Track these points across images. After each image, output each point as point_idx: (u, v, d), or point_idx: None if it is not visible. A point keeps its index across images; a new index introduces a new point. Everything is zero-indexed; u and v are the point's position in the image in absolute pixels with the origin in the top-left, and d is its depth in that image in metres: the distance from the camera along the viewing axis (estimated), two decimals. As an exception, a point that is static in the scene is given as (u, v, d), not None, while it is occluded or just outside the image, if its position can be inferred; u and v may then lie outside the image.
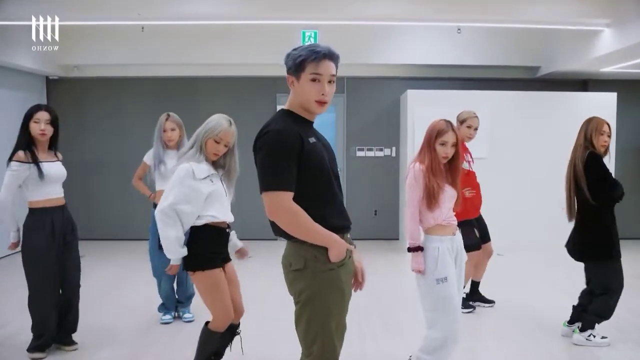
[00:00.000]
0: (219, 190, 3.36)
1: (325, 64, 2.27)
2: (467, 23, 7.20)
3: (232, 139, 3.39)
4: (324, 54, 2.27)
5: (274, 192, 2.21)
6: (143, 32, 7.32)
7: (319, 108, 2.31)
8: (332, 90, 2.32)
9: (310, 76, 2.26)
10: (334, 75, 2.33)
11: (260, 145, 2.25)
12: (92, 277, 6.34)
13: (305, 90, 2.28)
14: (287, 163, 2.20)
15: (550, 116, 8.04)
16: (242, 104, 8.81)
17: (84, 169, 8.90)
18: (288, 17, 6.76)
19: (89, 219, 8.82)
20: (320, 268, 2.26)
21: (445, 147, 3.24)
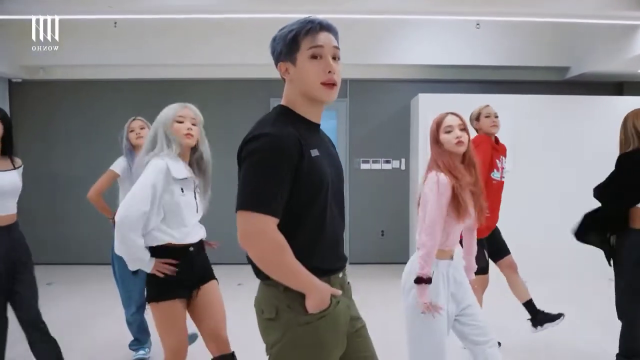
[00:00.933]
0: (189, 203, 3.10)
1: (325, 35, 2.04)
2: (487, 17, 7.06)
3: (195, 113, 3.30)
4: (320, 23, 2.04)
5: (253, 214, 1.91)
6: (116, 28, 7.17)
7: (327, 92, 2.02)
8: (339, 68, 2.05)
9: (309, 52, 2.01)
10: (338, 47, 2.07)
11: (246, 153, 1.98)
12: (59, 309, 6.19)
13: (306, 72, 2.01)
14: (278, 179, 1.92)
15: (581, 124, 7.90)
16: (232, 110, 8.75)
17: (52, 183, 8.77)
18: (283, 10, 6.56)
19: (57, 241, 8.71)
20: (295, 320, 2.00)
21: (454, 132, 3.05)
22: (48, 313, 4.22)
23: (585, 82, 8.71)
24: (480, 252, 4.51)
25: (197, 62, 8.16)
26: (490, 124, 4.75)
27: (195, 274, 3.22)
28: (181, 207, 3.07)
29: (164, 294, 3.07)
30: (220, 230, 4.58)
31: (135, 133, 4.47)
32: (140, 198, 2.93)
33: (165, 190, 3.01)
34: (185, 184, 3.12)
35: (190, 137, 3.19)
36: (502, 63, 8.20)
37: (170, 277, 3.07)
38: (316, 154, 2.01)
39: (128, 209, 2.92)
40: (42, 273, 7.88)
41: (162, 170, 3.00)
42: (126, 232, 2.92)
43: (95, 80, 8.81)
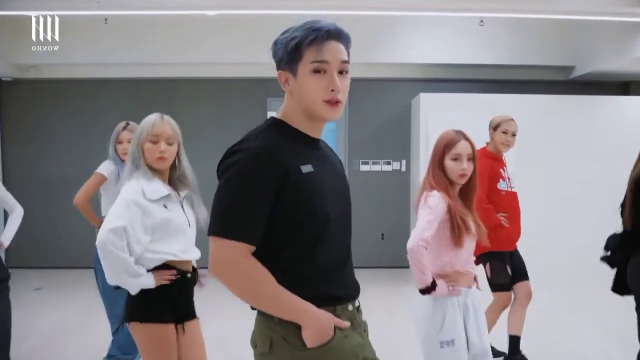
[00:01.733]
0: (177, 218, 2.90)
1: (332, 47, 1.80)
2: (491, 14, 7.01)
3: (172, 131, 2.98)
4: (328, 31, 1.79)
5: (224, 240, 1.73)
6: (107, 25, 7.09)
7: (329, 111, 1.82)
8: (346, 85, 1.84)
9: (311, 66, 1.79)
10: (347, 61, 1.84)
11: (222, 170, 1.81)
12: (48, 315, 6.10)
13: (306, 87, 1.81)
14: (254, 201, 1.74)
15: (587, 124, 7.84)
16: (228, 111, 8.70)
17: (43, 184, 8.70)
18: (280, 6, 6.60)
19: (47, 244, 8.63)
20: (291, 355, 1.79)
21: (460, 162, 2.87)
22: (37, 319, 4.12)
23: (590, 82, 8.66)
24: (501, 266, 4.37)
25: (192, 60, 8.11)
26: (502, 141, 4.52)
27: (184, 302, 3.01)
28: (170, 222, 2.88)
29: (153, 315, 2.83)
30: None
31: (123, 147, 4.19)
32: (115, 215, 2.74)
33: (146, 214, 2.80)
34: (168, 200, 2.92)
35: (163, 161, 2.92)
36: (505, 62, 8.18)
37: (163, 296, 2.86)
38: (309, 169, 1.81)
39: (107, 231, 2.71)
40: (31, 277, 7.98)
41: (137, 192, 2.81)
42: (112, 252, 2.69)
43: (88, 79, 8.74)
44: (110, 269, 2.75)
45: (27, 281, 7.70)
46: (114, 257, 2.70)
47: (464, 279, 2.97)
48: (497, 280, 4.25)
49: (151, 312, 2.82)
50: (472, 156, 2.93)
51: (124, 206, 2.76)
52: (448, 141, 2.96)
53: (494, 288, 4.37)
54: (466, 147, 2.93)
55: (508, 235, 4.43)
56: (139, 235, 2.76)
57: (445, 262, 2.94)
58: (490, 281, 4.39)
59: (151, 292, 2.81)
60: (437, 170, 2.97)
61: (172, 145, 2.96)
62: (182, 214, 2.96)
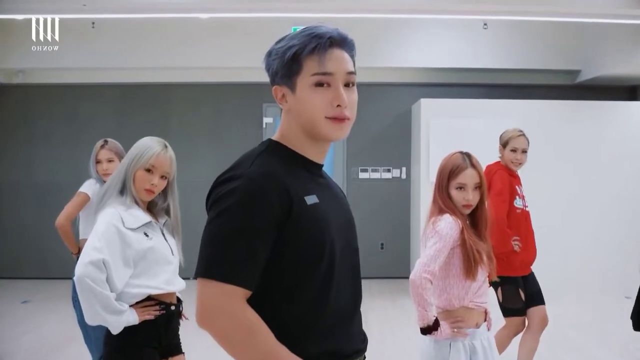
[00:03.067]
0: (160, 246, 2.72)
1: (336, 56, 1.60)
2: (495, 16, 6.93)
3: (170, 167, 2.81)
4: (331, 38, 1.58)
5: (216, 284, 1.47)
6: (94, 29, 7.01)
7: (334, 129, 1.60)
8: (353, 99, 1.63)
9: (313, 79, 1.58)
10: (353, 72, 1.63)
11: (212, 201, 1.57)
12: (34, 329, 6.01)
13: (307, 103, 1.59)
14: (253, 237, 1.49)
15: (593, 130, 7.78)
16: (222, 117, 8.64)
17: (32, 192, 8.66)
18: (275, 9, 6.53)
19: (37, 253, 8.53)
20: None
21: (465, 192, 2.69)
22: (23, 334, 4.01)
23: (597, 86, 8.61)
24: (514, 291, 4.16)
25: (185, 64, 8.04)
26: (511, 160, 4.36)
27: (170, 337, 2.84)
28: (153, 252, 2.70)
29: (136, 354, 2.67)
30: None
31: (103, 167, 4.02)
32: (94, 247, 2.54)
33: (126, 244, 2.62)
34: (149, 228, 2.76)
35: (150, 194, 2.78)
36: (509, 66, 8.13)
37: (147, 333, 2.69)
38: (314, 201, 1.59)
39: (85, 264, 2.51)
40: (18, 289, 7.87)
41: (116, 220, 2.64)
42: (91, 287, 2.49)
43: (77, 84, 8.70)
44: (89, 306, 2.53)
45: (14, 293, 7.59)
46: (93, 293, 2.49)
47: (473, 316, 2.74)
48: (509, 306, 4.12)
49: (134, 351, 2.66)
50: (479, 185, 2.76)
51: (103, 236, 2.57)
52: (453, 168, 2.78)
53: (506, 313, 4.16)
54: (473, 176, 2.75)
55: (522, 259, 4.24)
56: (119, 269, 2.58)
57: (453, 295, 2.73)
58: (502, 306, 4.24)
59: (133, 328, 2.63)
60: (444, 195, 2.80)
61: (165, 178, 2.83)
62: (164, 241, 2.80)
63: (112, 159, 4.02)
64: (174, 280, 2.80)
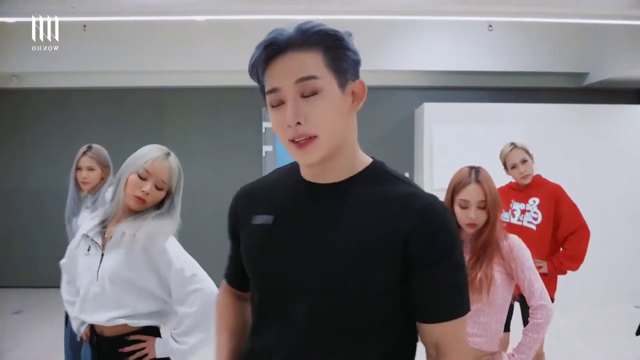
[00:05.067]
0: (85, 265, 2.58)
1: (281, 65, 1.37)
2: (500, 18, 6.88)
3: (168, 177, 2.57)
4: (267, 46, 1.37)
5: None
6: (85, 32, 6.94)
7: (297, 154, 1.40)
8: (315, 112, 1.36)
9: (267, 99, 1.41)
10: (312, 77, 1.35)
11: None
12: (27, 341, 5.90)
13: (273, 126, 1.44)
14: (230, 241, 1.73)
15: (601, 134, 7.72)
16: (219, 121, 8.60)
17: (25, 199, 8.62)
18: (274, 10, 6.46)
19: (30, 262, 8.48)
20: None
21: (468, 211, 2.53)
22: (16, 347, 3.89)
23: (604, 89, 8.57)
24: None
25: (180, 68, 7.97)
26: (518, 177, 4.21)
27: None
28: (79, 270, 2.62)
29: None
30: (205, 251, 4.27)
31: (82, 175, 3.86)
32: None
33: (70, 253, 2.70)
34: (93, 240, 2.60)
35: (139, 202, 2.53)
36: (514, 69, 8.07)
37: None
38: (262, 221, 1.50)
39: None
40: (10, 298, 7.79)
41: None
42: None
43: (71, 89, 8.66)
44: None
45: (5, 303, 7.50)
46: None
47: None
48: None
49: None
50: (484, 204, 2.58)
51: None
52: (457, 182, 2.64)
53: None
54: (476, 193, 2.57)
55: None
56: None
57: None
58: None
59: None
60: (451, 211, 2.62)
61: (160, 190, 2.57)
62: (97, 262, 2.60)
63: (93, 168, 3.85)
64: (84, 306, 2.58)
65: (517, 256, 2.59)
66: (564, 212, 4.18)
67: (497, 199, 2.60)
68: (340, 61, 1.40)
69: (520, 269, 2.58)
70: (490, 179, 2.63)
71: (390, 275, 1.37)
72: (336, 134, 1.40)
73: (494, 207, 2.58)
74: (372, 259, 1.36)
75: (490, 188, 2.58)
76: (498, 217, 2.60)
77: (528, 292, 2.58)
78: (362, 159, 1.54)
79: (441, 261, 1.38)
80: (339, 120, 1.41)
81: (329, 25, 1.41)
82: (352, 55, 1.44)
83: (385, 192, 1.43)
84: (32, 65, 7.85)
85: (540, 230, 4.21)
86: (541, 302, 2.57)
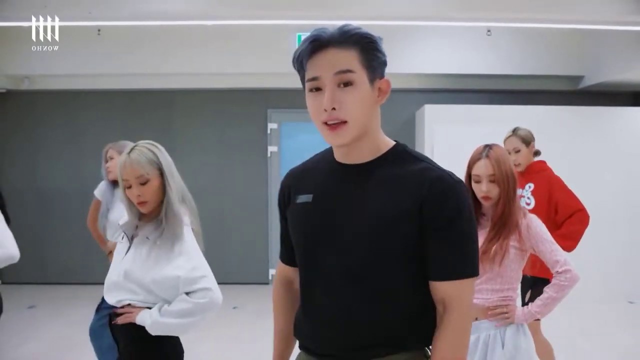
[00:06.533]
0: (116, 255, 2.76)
1: (323, 58, 1.59)
2: (498, 23, 6.87)
3: (141, 170, 2.57)
4: (314, 41, 1.59)
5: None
6: (100, 36, 7.02)
7: (329, 136, 1.62)
8: (349, 99, 1.58)
9: (307, 85, 1.62)
10: (347, 71, 1.58)
11: None
12: (41, 335, 5.98)
13: (309, 109, 1.64)
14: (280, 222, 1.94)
15: (596, 136, 7.75)
16: (227, 122, 8.61)
17: (37, 198, 8.65)
18: (280, 16, 6.49)
19: (41, 259, 8.52)
20: None
21: (481, 185, 2.69)
22: (29, 340, 4.01)
23: (600, 92, 8.55)
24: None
25: (189, 71, 8.01)
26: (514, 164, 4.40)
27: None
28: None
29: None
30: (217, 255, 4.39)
31: (107, 165, 4.13)
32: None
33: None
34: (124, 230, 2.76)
35: (143, 206, 2.61)
36: (513, 72, 8.08)
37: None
38: (304, 200, 1.73)
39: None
40: (24, 294, 7.87)
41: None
42: None
43: (83, 90, 8.67)
44: None
45: (20, 299, 7.58)
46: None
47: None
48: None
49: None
50: (494, 177, 2.71)
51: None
52: (471, 159, 2.80)
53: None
54: (485, 168, 2.72)
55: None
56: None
57: None
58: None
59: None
60: (468, 187, 2.77)
61: (147, 183, 2.58)
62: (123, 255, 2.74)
63: (113, 157, 4.11)
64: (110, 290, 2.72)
65: (536, 232, 2.74)
66: (560, 197, 4.28)
67: (509, 174, 2.72)
68: (372, 60, 1.63)
69: (541, 242, 2.73)
70: (502, 155, 2.77)
71: (409, 238, 1.60)
72: (363, 121, 1.63)
73: (505, 182, 2.71)
74: (393, 224, 1.59)
75: (499, 163, 2.72)
76: (512, 192, 2.73)
77: (551, 261, 2.74)
78: (386, 142, 1.75)
79: (448, 225, 1.58)
80: (366, 110, 1.63)
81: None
82: (381, 56, 1.67)
83: (405, 170, 1.65)
84: (44, 68, 7.92)
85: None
86: (567, 267, 2.72)
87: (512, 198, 2.72)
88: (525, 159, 4.38)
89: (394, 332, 1.64)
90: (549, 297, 2.74)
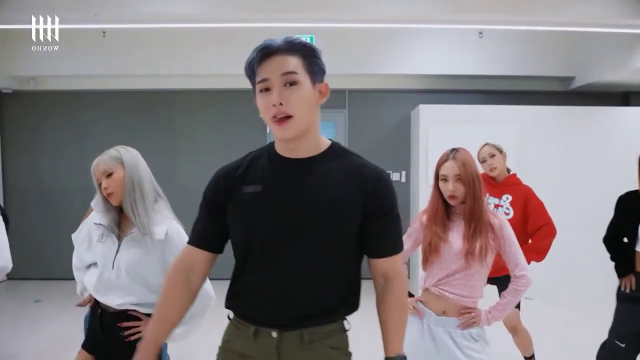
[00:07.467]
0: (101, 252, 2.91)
1: (272, 62, 1.82)
2: (490, 26, 6.98)
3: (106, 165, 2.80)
4: (263, 49, 1.83)
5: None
6: (105, 38, 7.11)
7: (276, 130, 1.83)
8: (294, 97, 1.81)
9: (258, 87, 1.85)
10: (291, 72, 1.81)
11: None
12: (46, 328, 6.03)
13: (259, 107, 1.86)
14: (201, 213, 2.05)
15: (587, 135, 7.82)
16: (226, 123, 8.68)
17: (42, 196, 8.74)
18: (277, 19, 6.55)
19: (46, 255, 8.62)
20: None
21: (447, 183, 2.84)
22: (35, 333, 4.08)
23: (590, 93, 8.63)
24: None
25: (189, 71, 8.08)
26: (487, 169, 4.57)
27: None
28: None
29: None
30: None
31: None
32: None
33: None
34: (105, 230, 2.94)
35: (112, 197, 2.80)
36: (505, 73, 8.15)
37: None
38: (253, 190, 1.91)
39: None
40: (30, 289, 7.95)
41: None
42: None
43: (86, 91, 8.72)
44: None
45: (26, 293, 7.71)
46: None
47: (434, 301, 2.91)
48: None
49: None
50: (459, 177, 2.84)
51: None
52: (439, 161, 2.94)
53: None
54: (451, 168, 2.85)
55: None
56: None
57: (421, 277, 2.99)
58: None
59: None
60: (435, 188, 2.96)
61: (111, 175, 2.79)
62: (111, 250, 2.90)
63: None
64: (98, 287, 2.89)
65: (507, 233, 2.92)
66: (532, 209, 4.50)
67: (474, 175, 2.86)
68: (313, 65, 1.86)
69: (508, 244, 2.92)
70: (467, 158, 2.92)
71: (353, 222, 1.89)
72: (306, 117, 1.84)
73: (471, 181, 2.85)
74: (341, 210, 1.86)
75: (465, 164, 2.86)
76: (478, 191, 2.88)
77: (513, 263, 2.92)
78: (324, 142, 1.98)
79: (388, 213, 1.93)
80: (309, 107, 1.86)
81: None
82: (321, 64, 1.90)
83: (343, 164, 1.93)
84: (49, 69, 8.02)
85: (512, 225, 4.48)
86: (524, 272, 2.91)
87: (479, 197, 2.87)
88: (500, 163, 4.58)
89: (329, 305, 1.90)
90: (508, 301, 2.93)
